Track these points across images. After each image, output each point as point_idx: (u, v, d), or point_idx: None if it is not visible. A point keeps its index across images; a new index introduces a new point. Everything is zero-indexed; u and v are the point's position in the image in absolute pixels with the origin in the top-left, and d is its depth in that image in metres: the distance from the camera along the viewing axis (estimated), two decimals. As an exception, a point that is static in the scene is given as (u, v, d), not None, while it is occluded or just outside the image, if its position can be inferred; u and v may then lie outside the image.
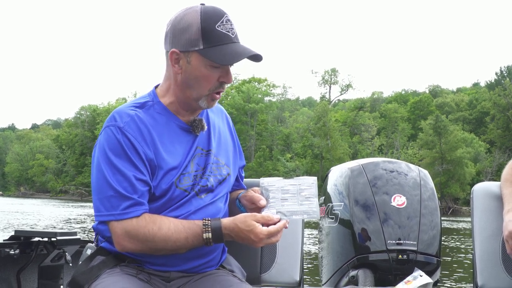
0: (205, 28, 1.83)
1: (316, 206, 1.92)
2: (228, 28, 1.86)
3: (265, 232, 1.82)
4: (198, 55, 1.85)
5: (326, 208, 2.53)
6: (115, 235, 1.84)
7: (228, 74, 1.91)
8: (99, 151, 1.88)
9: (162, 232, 1.82)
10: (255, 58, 1.92)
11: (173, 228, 1.84)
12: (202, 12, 1.84)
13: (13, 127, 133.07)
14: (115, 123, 1.88)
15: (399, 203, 2.29)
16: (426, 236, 2.28)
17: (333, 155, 56.76)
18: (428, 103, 70.77)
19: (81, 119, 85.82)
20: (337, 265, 2.40)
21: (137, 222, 1.82)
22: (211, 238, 1.85)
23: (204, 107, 1.96)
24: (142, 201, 1.84)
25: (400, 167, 2.41)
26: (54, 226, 19.17)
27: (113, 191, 1.82)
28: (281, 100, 76.15)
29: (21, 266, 3.03)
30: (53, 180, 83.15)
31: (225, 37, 1.85)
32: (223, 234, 1.86)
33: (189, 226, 1.85)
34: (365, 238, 2.28)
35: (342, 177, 2.45)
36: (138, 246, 1.84)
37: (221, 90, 1.94)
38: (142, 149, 1.87)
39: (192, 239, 1.85)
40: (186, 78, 1.90)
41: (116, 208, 1.82)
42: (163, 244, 1.83)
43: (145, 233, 1.82)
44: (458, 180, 53.68)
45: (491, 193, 2.38)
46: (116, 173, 1.83)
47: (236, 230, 1.84)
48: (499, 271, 2.26)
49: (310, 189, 1.94)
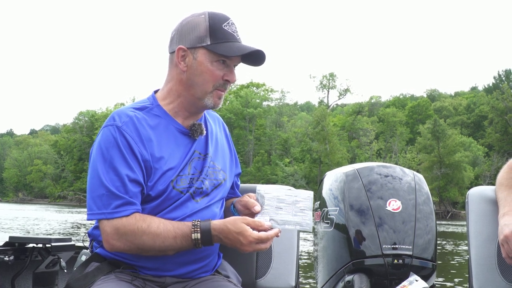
0: (213, 26, 1.91)
1: (309, 219, 1.92)
2: (233, 29, 1.94)
3: (254, 236, 1.81)
4: (205, 51, 1.91)
5: (321, 213, 2.53)
6: (104, 234, 1.84)
7: (232, 73, 1.96)
8: (96, 149, 1.90)
9: (150, 230, 1.82)
10: (258, 60, 1.99)
11: (162, 227, 1.83)
12: (209, 14, 1.93)
13: (11, 132, 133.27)
14: (114, 122, 1.90)
15: (394, 208, 2.29)
16: (421, 241, 2.27)
17: (331, 159, 56.79)
18: (426, 107, 70.98)
19: (79, 125, 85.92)
20: (333, 270, 2.39)
21: (127, 220, 1.82)
22: (199, 239, 1.83)
23: (210, 105, 1.97)
24: (133, 201, 1.84)
25: (395, 172, 2.41)
26: (50, 233, 19.13)
27: (105, 189, 1.83)
28: (279, 104, 76.26)
29: (15, 272, 3.02)
30: (51, 185, 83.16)
31: (231, 36, 1.92)
32: (212, 236, 1.84)
33: (178, 226, 1.85)
34: (360, 243, 2.28)
35: (337, 182, 2.45)
36: (127, 245, 1.83)
37: (224, 88, 1.97)
38: (139, 149, 1.87)
39: (180, 240, 1.83)
40: (191, 74, 1.93)
41: (107, 207, 1.82)
42: (151, 243, 1.82)
43: (133, 231, 1.81)
44: (457, 184, 53.77)
45: (487, 197, 2.37)
46: (110, 172, 1.84)
47: (225, 231, 1.83)
48: (494, 275, 2.26)
49: (305, 202, 1.94)
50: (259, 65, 2.01)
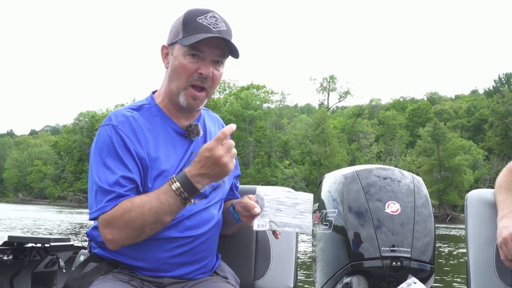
0: (186, 20, 1.91)
1: (309, 221, 1.92)
2: (210, 22, 1.90)
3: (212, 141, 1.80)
4: (178, 45, 1.92)
5: (320, 215, 2.53)
6: (100, 229, 1.83)
7: (207, 66, 1.92)
8: (93, 150, 1.91)
9: (134, 204, 1.79)
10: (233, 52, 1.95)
11: (144, 197, 1.81)
12: (188, 10, 1.94)
13: (12, 133, 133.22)
14: (110, 122, 1.91)
15: (393, 210, 2.29)
16: (419, 243, 2.27)
17: (331, 162, 56.76)
18: (426, 110, 70.98)
19: (79, 125, 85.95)
20: (331, 272, 2.39)
21: (115, 208, 1.80)
22: (181, 187, 1.79)
23: (183, 104, 1.95)
24: (125, 194, 1.82)
25: (394, 174, 2.41)
26: (50, 232, 19.13)
27: (97, 186, 1.83)
28: (279, 107, 76.24)
29: (14, 272, 3.02)
30: (51, 186, 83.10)
31: (203, 28, 1.89)
32: (191, 177, 1.79)
33: (158, 189, 1.83)
34: (359, 245, 2.28)
35: (336, 184, 2.45)
36: (122, 231, 1.80)
37: (200, 83, 1.93)
38: (134, 148, 1.87)
39: (164, 197, 1.80)
40: (170, 70, 1.95)
41: (101, 203, 1.82)
42: (141, 217, 1.79)
43: (121, 213, 1.79)
44: (457, 187, 53.71)
45: (485, 200, 2.37)
46: (105, 171, 1.84)
47: (196, 163, 1.80)
48: (493, 277, 2.26)
49: (305, 204, 1.93)
50: (235, 57, 1.96)
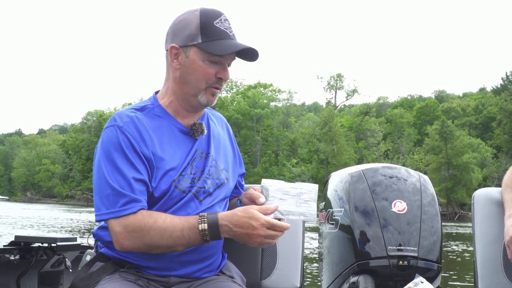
0: (203, 24, 1.90)
1: (314, 209, 1.94)
2: (226, 26, 1.93)
3: (266, 219, 1.81)
4: (196, 49, 1.91)
5: (326, 214, 2.52)
6: (113, 233, 1.84)
7: (226, 70, 1.95)
8: (99, 151, 1.91)
9: (157, 224, 1.81)
10: (251, 56, 1.97)
11: (169, 221, 1.83)
12: (201, 11, 1.93)
13: (20, 132, 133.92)
14: (115, 123, 1.91)
15: (399, 209, 2.28)
16: (426, 242, 2.26)
17: (338, 160, 56.69)
18: (434, 108, 70.71)
19: (87, 125, 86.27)
20: (338, 271, 2.38)
21: (134, 217, 1.81)
22: (206, 230, 1.82)
23: (203, 103, 1.97)
24: (139, 198, 1.84)
25: (400, 173, 2.39)
26: (56, 231, 19.21)
27: (111, 189, 1.83)
28: (286, 105, 76.30)
29: (21, 271, 3.03)
30: (59, 185, 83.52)
31: (223, 33, 1.91)
32: (220, 226, 1.83)
33: (185, 218, 1.85)
34: (365, 244, 2.27)
35: (342, 183, 2.44)
36: (136, 243, 1.82)
37: (218, 85, 1.96)
38: (140, 149, 1.88)
39: (187, 232, 1.82)
40: (184, 72, 1.94)
41: (115, 206, 1.82)
42: (159, 238, 1.81)
43: (141, 227, 1.80)
44: (465, 185, 53.51)
45: (493, 198, 2.36)
46: (114, 172, 1.84)
47: (235, 219, 1.82)
48: (500, 276, 2.25)
49: (310, 194, 1.95)
50: (253, 61, 1.99)
